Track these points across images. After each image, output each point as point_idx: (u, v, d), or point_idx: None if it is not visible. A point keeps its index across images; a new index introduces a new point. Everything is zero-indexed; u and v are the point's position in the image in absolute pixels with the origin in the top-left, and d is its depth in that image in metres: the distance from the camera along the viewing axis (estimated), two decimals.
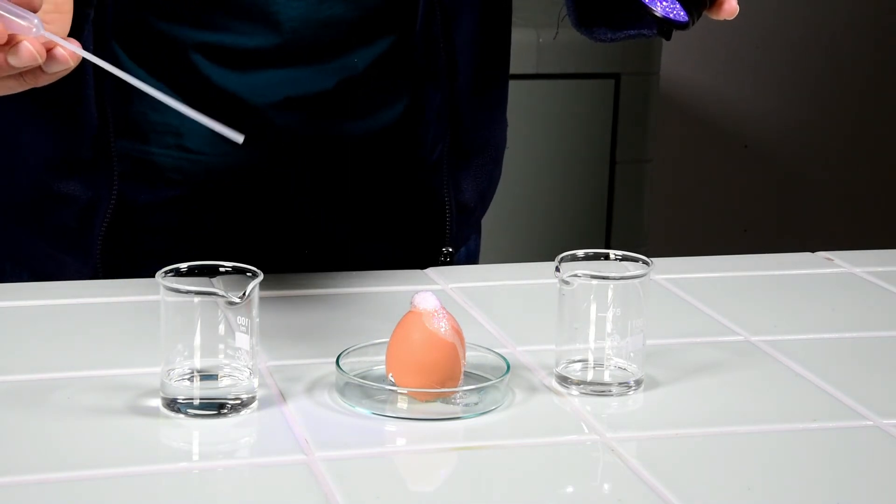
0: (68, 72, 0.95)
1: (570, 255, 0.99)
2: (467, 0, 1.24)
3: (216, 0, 1.17)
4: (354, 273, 1.22)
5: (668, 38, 1.09)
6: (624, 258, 1.00)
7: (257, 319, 0.92)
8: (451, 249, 1.29)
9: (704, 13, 1.05)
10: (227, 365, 0.92)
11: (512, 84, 1.36)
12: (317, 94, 1.20)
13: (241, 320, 0.91)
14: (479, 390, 0.94)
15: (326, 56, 1.20)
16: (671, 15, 1.03)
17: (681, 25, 1.03)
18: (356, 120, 1.23)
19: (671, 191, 3.16)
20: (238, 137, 0.94)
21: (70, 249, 1.23)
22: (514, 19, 1.32)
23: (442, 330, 0.93)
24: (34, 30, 0.92)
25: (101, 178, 1.20)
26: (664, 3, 1.03)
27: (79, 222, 1.21)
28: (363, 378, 0.95)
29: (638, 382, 0.98)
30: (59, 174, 1.20)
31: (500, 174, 1.35)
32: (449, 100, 1.25)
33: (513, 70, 1.33)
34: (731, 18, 1.05)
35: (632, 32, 1.15)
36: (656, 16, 1.03)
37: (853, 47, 3.23)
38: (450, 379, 0.93)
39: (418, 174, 1.27)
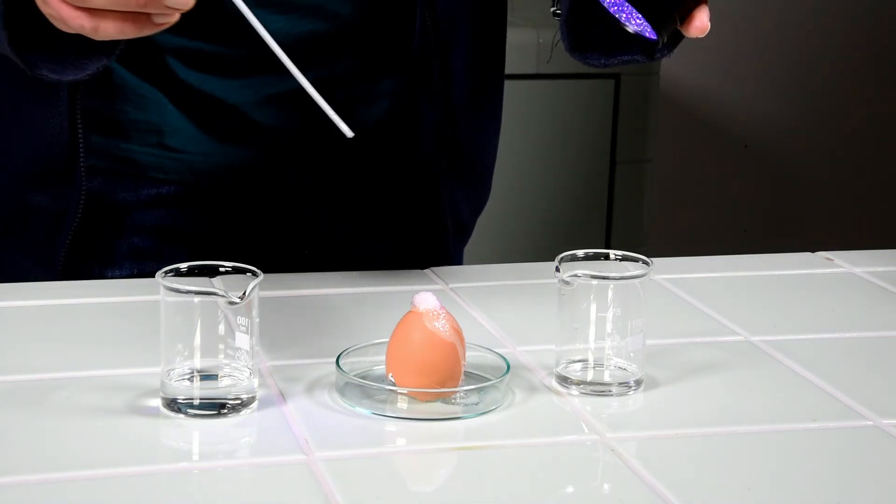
0: (173, 21, 0.95)
1: (570, 255, 0.99)
2: (462, 21, 1.24)
3: (196, 10, 1.17)
4: (354, 273, 1.22)
5: (652, 58, 1.11)
6: (624, 258, 1.00)
7: (257, 319, 0.92)
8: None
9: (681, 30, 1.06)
10: (227, 365, 0.92)
11: (512, 84, 1.36)
12: (296, 90, 1.20)
13: (241, 320, 0.91)
14: (479, 390, 0.94)
15: (306, 66, 1.20)
16: (645, 33, 1.05)
17: (652, 43, 1.05)
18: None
19: (671, 191, 3.16)
20: (348, 132, 0.97)
21: (35, 258, 1.23)
22: (514, 19, 1.32)
23: (442, 330, 0.93)
24: None
25: (70, 191, 1.19)
26: (637, 21, 1.04)
27: (46, 232, 1.21)
28: (363, 378, 0.95)
29: (638, 382, 0.98)
30: (30, 185, 1.20)
31: (490, 189, 1.36)
32: (446, 117, 1.25)
33: (513, 70, 1.34)
34: (702, 36, 1.05)
35: (625, 58, 1.16)
36: (629, 32, 1.05)
37: (853, 47, 3.23)
38: (450, 379, 0.93)
39: (417, 188, 1.28)
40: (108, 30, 0.95)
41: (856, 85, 3.25)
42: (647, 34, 1.04)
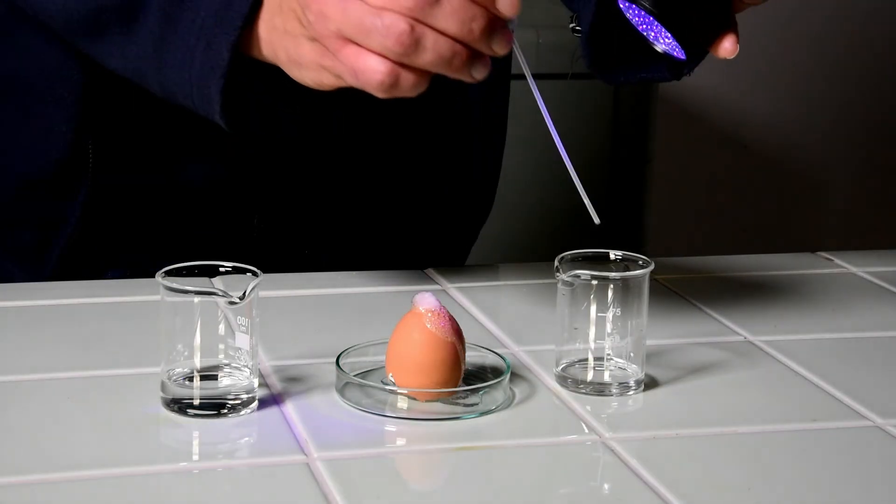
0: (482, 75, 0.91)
1: (570, 255, 0.99)
2: None
3: None
4: (354, 273, 1.22)
5: (679, 77, 1.10)
6: (624, 258, 1.00)
7: (257, 319, 0.92)
8: None
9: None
10: (227, 365, 0.92)
11: (512, 84, 1.36)
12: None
13: (241, 320, 0.91)
14: (479, 390, 0.94)
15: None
16: (674, 52, 1.05)
17: (680, 63, 1.05)
18: (328, 116, 1.23)
19: (671, 191, 3.16)
20: (596, 219, 0.95)
21: (21, 265, 1.22)
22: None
23: (442, 330, 0.93)
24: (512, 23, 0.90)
25: (71, 202, 1.18)
26: (666, 40, 1.04)
27: (37, 242, 1.21)
28: (363, 378, 0.95)
29: (638, 382, 0.98)
30: (31, 195, 1.20)
31: (494, 196, 1.37)
32: (455, 126, 1.26)
33: (513, 70, 1.34)
34: (731, 58, 1.05)
35: (646, 75, 1.16)
36: (658, 51, 1.05)
37: (854, 47, 3.23)
38: (450, 379, 0.93)
39: (424, 195, 1.28)
40: (406, 85, 0.89)
41: (856, 85, 3.24)
42: (676, 53, 1.04)
